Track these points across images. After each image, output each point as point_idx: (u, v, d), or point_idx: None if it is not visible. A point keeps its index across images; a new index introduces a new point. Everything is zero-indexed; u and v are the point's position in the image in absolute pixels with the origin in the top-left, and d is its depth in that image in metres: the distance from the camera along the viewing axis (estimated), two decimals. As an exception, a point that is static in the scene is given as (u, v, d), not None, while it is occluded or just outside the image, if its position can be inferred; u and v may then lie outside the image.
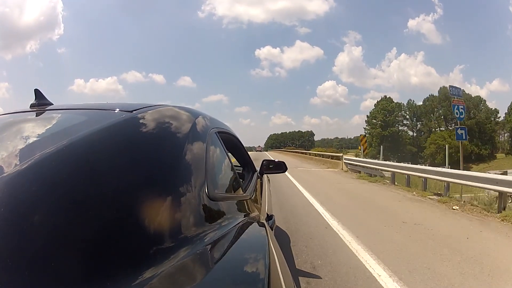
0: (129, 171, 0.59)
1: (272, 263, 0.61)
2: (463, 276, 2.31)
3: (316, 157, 19.28)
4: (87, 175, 0.54)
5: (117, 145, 0.65)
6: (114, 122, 0.70)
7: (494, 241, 3.22)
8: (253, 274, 0.55)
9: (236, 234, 0.70)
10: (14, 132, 0.81)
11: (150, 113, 0.78)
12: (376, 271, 2.38)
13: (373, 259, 2.62)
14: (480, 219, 4.14)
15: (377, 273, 2.35)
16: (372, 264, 2.53)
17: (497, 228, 3.72)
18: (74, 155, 0.57)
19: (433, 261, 2.59)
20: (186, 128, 0.80)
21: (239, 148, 1.78)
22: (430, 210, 4.79)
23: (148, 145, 0.68)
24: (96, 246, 0.45)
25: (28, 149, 0.65)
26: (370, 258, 2.64)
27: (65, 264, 0.41)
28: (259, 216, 1.21)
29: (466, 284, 2.19)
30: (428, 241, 3.18)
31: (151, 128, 0.75)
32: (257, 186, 1.82)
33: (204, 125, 0.92)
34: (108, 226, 0.48)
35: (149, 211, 0.54)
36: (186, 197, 0.64)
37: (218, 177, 0.94)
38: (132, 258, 0.47)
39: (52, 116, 0.91)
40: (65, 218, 0.45)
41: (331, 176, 10.18)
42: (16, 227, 0.42)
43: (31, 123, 0.89)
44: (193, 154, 0.75)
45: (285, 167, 2.31)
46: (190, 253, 0.53)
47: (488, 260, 2.63)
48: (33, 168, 0.51)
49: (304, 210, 4.73)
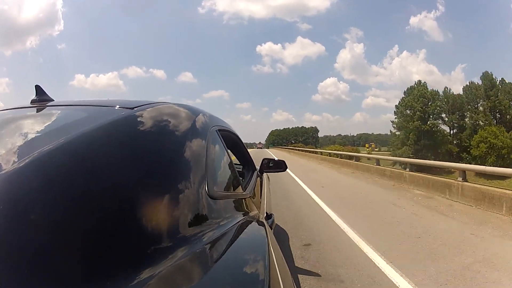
0: (130, 169, 0.58)
1: (272, 263, 0.60)
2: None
3: (337, 158, 13.68)
4: (87, 172, 0.54)
5: (118, 142, 0.65)
6: (115, 119, 0.70)
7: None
8: (252, 274, 0.55)
9: (236, 233, 0.70)
10: (14, 128, 0.81)
11: (151, 111, 0.78)
12: None
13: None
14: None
15: None
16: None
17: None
18: (74, 152, 0.57)
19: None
20: (187, 126, 0.80)
21: (240, 146, 1.78)
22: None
23: (149, 142, 0.67)
24: (96, 245, 0.45)
25: (29, 145, 0.64)
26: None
27: (64, 263, 0.41)
28: (258, 215, 1.21)
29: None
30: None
31: (152, 125, 0.75)
32: (257, 185, 1.82)
33: (205, 123, 0.92)
34: (109, 224, 0.48)
35: (150, 209, 0.54)
36: (187, 195, 0.63)
37: (218, 175, 0.93)
38: (132, 257, 0.47)
39: (52, 112, 0.91)
40: (65, 215, 0.45)
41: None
42: (16, 224, 0.42)
43: (32, 119, 0.88)
44: (194, 152, 0.74)
45: (285, 166, 2.32)
46: (190, 252, 0.53)
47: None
48: (33, 164, 0.51)
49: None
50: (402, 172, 7.53)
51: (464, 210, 4.59)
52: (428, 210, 4.65)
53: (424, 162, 8.69)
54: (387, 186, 7.15)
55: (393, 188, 6.80)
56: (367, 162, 11.44)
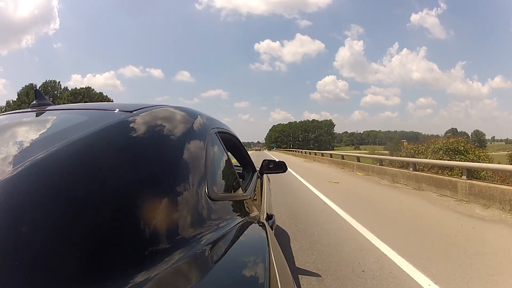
0: (130, 172, 0.59)
1: (272, 264, 0.61)
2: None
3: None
4: (87, 176, 0.54)
5: (117, 145, 0.65)
6: (114, 122, 0.70)
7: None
8: (252, 275, 0.55)
9: (236, 234, 0.71)
10: (14, 132, 0.82)
11: (150, 114, 0.79)
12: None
13: None
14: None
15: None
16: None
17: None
18: (73, 156, 0.57)
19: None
20: (186, 128, 0.81)
21: (239, 148, 1.79)
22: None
23: (148, 145, 0.68)
24: (96, 247, 0.45)
25: (28, 149, 0.65)
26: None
27: (64, 265, 0.41)
28: (259, 216, 1.22)
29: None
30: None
31: (151, 128, 0.75)
32: (257, 186, 1.82)
33: (204, 125, 0.93)
34: (109, 226, 0.49)
35: (150, 212, 0.54)
36: (187, 197, 0.64)
37: (218, 177, 0.94)
38: (133, 258, 0.47)
39: (52, 116, 0.92)
40: (64, 219, 0.46)
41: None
42: (15, 227, 0.42)
43: (31, 123, 0.89)
44: (194, 154, 0.75)
45: (285, 167, 2.33)
46: (190, 254, 0.53)
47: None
48: (32, 168, 0.51)
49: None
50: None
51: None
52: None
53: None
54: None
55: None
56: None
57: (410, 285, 2.20)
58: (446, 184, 6.02)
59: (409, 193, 6.47)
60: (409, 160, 8.49)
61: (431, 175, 6.85)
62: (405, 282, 2.24)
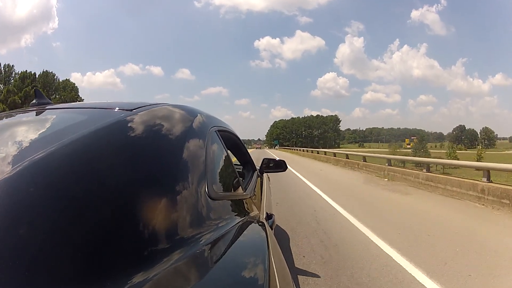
0: (130, 171, 0.59)
1: (272, 264, 0.60)
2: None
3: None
4: (86, 175, 0.54)
5: (117, 144, 0.65)
6: (114, 121, 0.70)
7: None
8: (252, 275, 0.55)
9: (236, 233, 0.70)
10: (14, 131, 0.82)
11: (150, 112, 0.78)
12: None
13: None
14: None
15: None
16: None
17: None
18: (73, 155, 0.57)
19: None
20: (186, 127, 0.80)
21: (239, 146, 1.78)
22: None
23: (148, 144, 0.68)
24: (95, 247, 0.45)
25: (27, 148, 0.65)
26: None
27: (63, 265, 0.41)
28: (259, 215, 1.21)
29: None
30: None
31: (151, 127, 0.75)
32: (257, 185, 1.82)
33: (204, 124, 0.93)
34: (109, 226, 0.48)
35: (150, 211, 0.54)
36: (187, 196, 0.63)
37: (218, 176, 0.94)
38: (132, 258, 0.47)
39: (51, 115, 0.92)
40: (64, 218, 0.45)
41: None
42: (15, 227, 0.42)
43: (31, 122, 0.89)
44: (194, 152, 0.75)
45: (285, 166, 2.33)
46: (190, 253, 0.53)
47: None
48: (32, 167, 0.51)
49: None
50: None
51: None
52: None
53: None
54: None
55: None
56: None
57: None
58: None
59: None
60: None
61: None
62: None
